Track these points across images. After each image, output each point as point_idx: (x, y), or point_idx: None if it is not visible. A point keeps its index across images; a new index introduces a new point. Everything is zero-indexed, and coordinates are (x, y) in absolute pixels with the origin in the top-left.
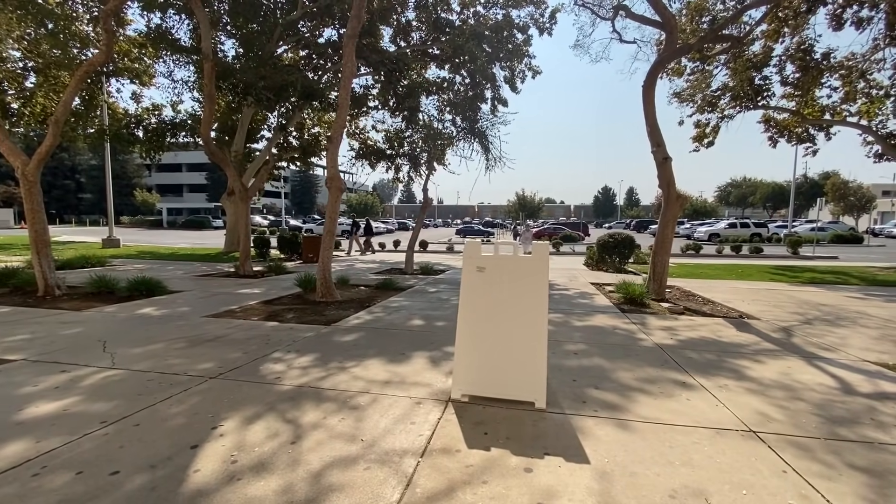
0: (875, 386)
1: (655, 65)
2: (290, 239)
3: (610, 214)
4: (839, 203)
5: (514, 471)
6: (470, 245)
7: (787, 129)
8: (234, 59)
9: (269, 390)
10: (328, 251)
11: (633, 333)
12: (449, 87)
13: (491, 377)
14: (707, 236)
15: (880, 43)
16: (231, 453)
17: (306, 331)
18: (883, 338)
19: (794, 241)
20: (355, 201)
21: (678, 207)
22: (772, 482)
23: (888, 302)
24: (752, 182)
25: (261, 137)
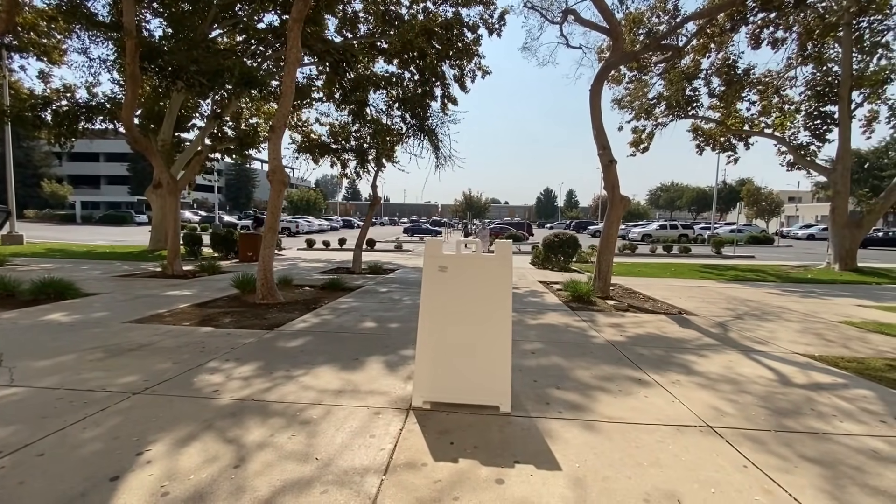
0: (808, 377)
1: (603, 68)
2: (225, 236)
3: (551, 215)
4: (753, 207)
5: (486, 483)
6: (431, 243)
7: (713, 138)
8: (162, 39)
9: (206, 405)
10: (270, 249)
11: (585, 331)
12: (398, 83)
13: (454, 382)
14: (641, 237)
15: (793, 62)
16: (161, 484)
17: (246, 336)
18: (805, 331)
19: (718, 242)
20: (297, 197)
21: (622, 209)
22: (736, 478)
23: (803, 297)
24: (679, 187)
25: (192, 126)
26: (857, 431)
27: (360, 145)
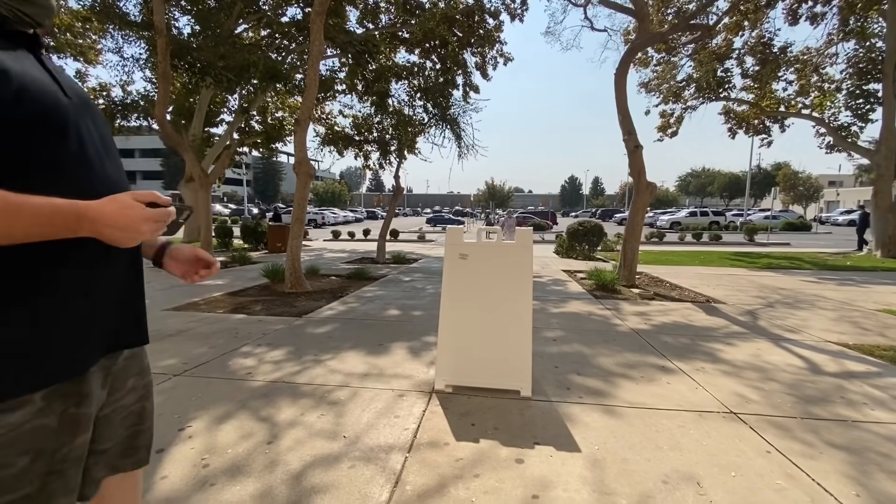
0: (840, 365)
1: (628, 52)
2: (254, 228)
3: (576, 204)
4: (789, 193)
5: (506, 462)
6: (452, 232)
7: (746, 120)
8: (190, 36)
9: (240, 387)
10: (297, 240)
11: (609, 319)
12: (419, 73)
13: (475, 366)
14: (669, 224)
15: (833, 38)
16: (202, 457)
17: (277, 323)
18: (840, 319)
19: (750, 229)
20: (322, 189)
21: (648, 195)
22: (757, 463)
23: (840, 285)
24: (710, 172)
25: (220, 121)
26: (887, 419)
27: (383, 136)
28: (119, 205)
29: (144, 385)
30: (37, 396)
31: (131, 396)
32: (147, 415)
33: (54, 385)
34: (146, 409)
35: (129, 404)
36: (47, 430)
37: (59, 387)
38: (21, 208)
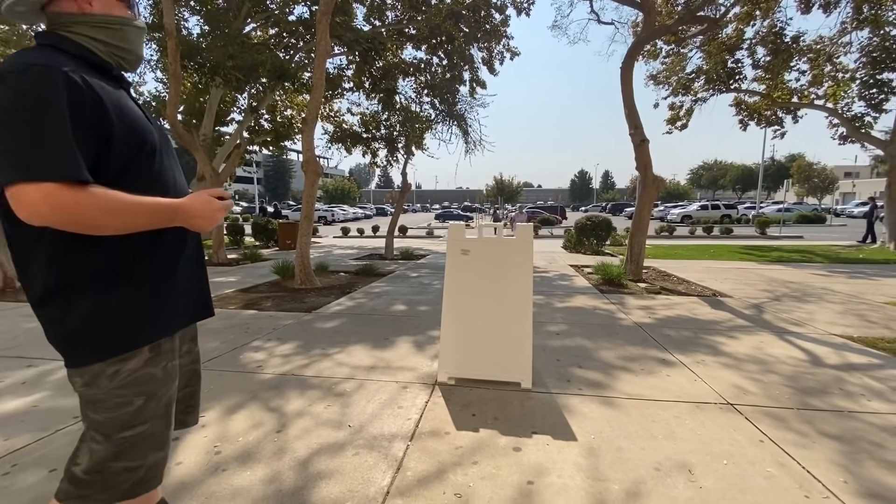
0: (842, 358)
1: (633, 46)
2: (265, 226)
3: (586, 198)
4: (804, 185)
5: (504, 450)
6: (454, 228)
7: (757, 112)
8: (199, 36)
9: (251, 379)
10: (306, 237)
11: (613, 313)
12: (426, 69)
13: (477, 359)
14: (680, 218)
15: (847, 26)
16: (214, 444)
17: (286, 318)
18: (847, 312)
19: (762, 222)
20: (331, 186)
21: (655, 190)
22: (750, 451)
23: (851, 278)
24: (722, 165)
25: (230, 120)
26: (884, 410)
27: (390, 133)
28: (201, 200)
29: (196, 351)
30: (146, 349)
31: (186, 359)
32: (199, 377)
33: (155, 341)
34: (197, 371)
35: (185, 364)
36: (155, 377)
37: (160, 343)
38: (140, 206)
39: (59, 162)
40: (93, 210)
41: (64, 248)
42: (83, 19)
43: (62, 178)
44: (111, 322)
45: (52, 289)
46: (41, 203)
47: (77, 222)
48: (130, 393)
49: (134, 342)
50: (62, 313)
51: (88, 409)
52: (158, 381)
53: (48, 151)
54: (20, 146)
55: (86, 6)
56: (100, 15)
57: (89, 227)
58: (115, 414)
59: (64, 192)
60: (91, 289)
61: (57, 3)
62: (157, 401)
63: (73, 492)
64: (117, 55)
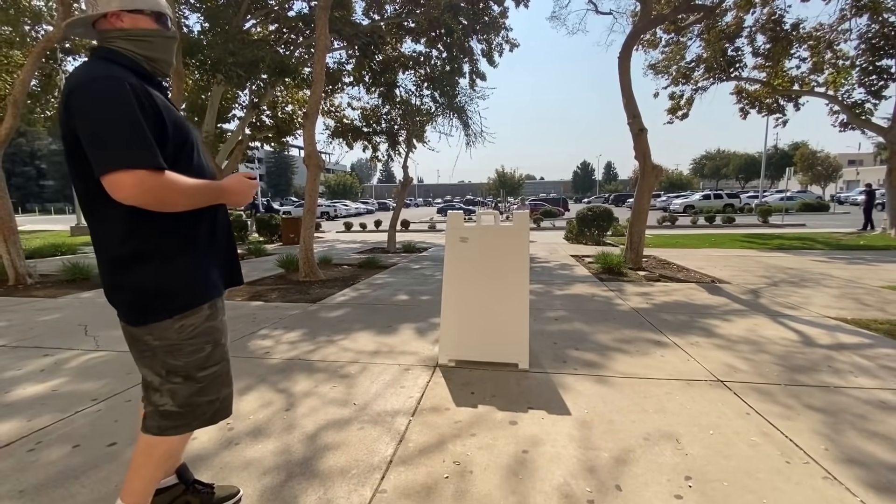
0: (833, 338)
1: (631, 35)
2: (269, 221)
3: (588, 189)
4: (807, 173)
5: (501, 424)
6: (453, 216)
7: (758, 100)
8: (200, 34)
9: (259, 364)
10: (310, 230)
11: (611, 300)
12: (426, 62)
13: (476, 342)
14: (682, 208)
15: (846, 13)
16: (227, 422)
17: (292, 309)
18: (843, 296)
19: (764, 211)
20: (334, 182)
21: (654, 178)
22: (736, 423)
23: (850, 264)
24: (725, 154)
25: (232, 117)
26: (869, 385)
27: (391, 127)
28: (237, 179)
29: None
30: (205, 306)
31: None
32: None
33: (212, 300)
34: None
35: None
36: (217, 329)
37: (214, 301)
38: (200, 187)
39: (145, 153)
40: (171, 192)
41: (133, 226)
42: (119, 34)
43: (149, 166)
44: (175, 285)
45: (122, 259)
46: (135, 186)
47: (161, 201)
48: (202, 342)
49: (195, 301)
50: (131, 279)
51: (168, 357)
52: (219, 331)
53: (136, 145)
54: (113, 142)
55: (117, 22)
56: (131, 29)
57: (168, 205)
58: (193, 359)
59: (151, 178)
60: (155, 259)
61: (100, 22)
62: (221, 347)
63: (167, 424)
64: (152, 64)
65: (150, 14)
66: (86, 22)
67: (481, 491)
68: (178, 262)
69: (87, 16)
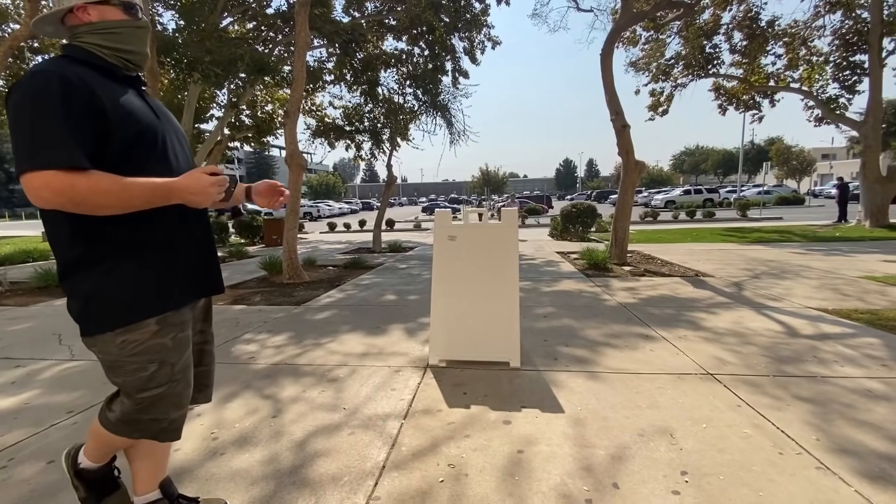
0: (816, 329)
1: (612, 32)
2: (250, 223)
3: (571, 186)
4: (783, 167)
5: (494, 424)
6: (440, 215)
7: (736, 96)
8: (175, 31)
9: (244, 370)
10: (293, 231)
11: (598, 295)
12: (408, 60)
13: (466, 341)
14: (664, 203)
15: (820, 10)
16: (210, 431)
17: (276, 312)
18: (823, 287)
19: (743, 205)
20: (316, 182)
21: (637, 174)
22: (728, 415)
23: (827, 255)
24: (704, 150)
25: (210, 117)
26: (855, 374)
27: (374, 126)
28: (193, 177)
29: (209, 331)
30: (151, 321)
31: (197, 337)
32: (212, 357)
33: (162, 315)
34: (211, 352)
35: (197, 343)
36: (165, 347)
37: (166, 316)
38: (135, 186)
39: (55, 152)
40: (88, 192)
41: (76, 230)
42: (87, 28)
43: (58, 166)
44: (117, 296)
45: (69, 265)
46: (43, 188)
47: (76, 203)
48: (144, 360)
49: (138, 315)
50: (77, 287)
51: (109, 373)
52: (169, 349)
53: (45, 144)
54: (24, 142)
55: (85, 16)
56: (98, 22)
57: (89, 208)
58: (132, 378)
59: (61, 178)
60: (99, 266)
61: (68, 18)
62: (169, 367)
63: (109, 424)
64: (121, 56)
65: (118, 4)
66: (53, 19)
67: (478, 494)
68: (122, 271)
69: (53, 12)
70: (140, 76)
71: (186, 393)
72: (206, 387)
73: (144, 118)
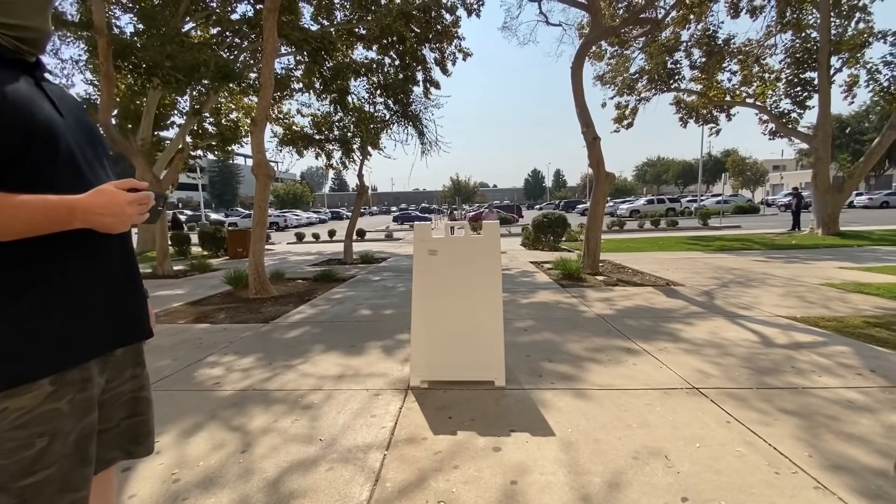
0: (789, 337)
1: (583, 46)
2: (213, 234)
3: (539, 196)
4: (738, 178)
5: (484, 451)
6: (420, 228)
7: (695, 110)
8: (133, 35)
9: (208, 398)
10: (260, 243)
11: (576, 306)
12: (379, 69)
13: (449, 361)
14: (629, 213)
15: (772, 30)
16: (171, 472)
17: (243, 330)
18: (788, 294)
19: (704, 214)
20: (283, 191)
21: (608, 185)
22: (719, 433)
23: (787, 263)
24: (665, 161)
25: (171, 124)
26: (833, 384)
27: (344, 135)
28: (104, 194)
29: (143, 376)
30: (44, 382)
31: (129, 385)
32: (148, 404)
33: (58, 372)
34: (146, 398)
35: (126, 392)
36: (59, 413)
37: (65, 374)
38: (22, 204)
39: None
40: None
41: None
42: None
43: None
44: None
45: None
46: None
47: None
48: (29, 434)
49: (26, 374)
50: None
51: None
52: (65, 416)
53: None
54: None
55: None
56: None
57: None
58: (12, 460)
59: None
60: None
61: None
62: (63, 438)
63: None
64: (9, 34)
65: None
66: None
67: None
68: (6, 318)
69: None
70: (40, 63)
71: (82, 473)
72: (146, 437)
73: (41, 115)
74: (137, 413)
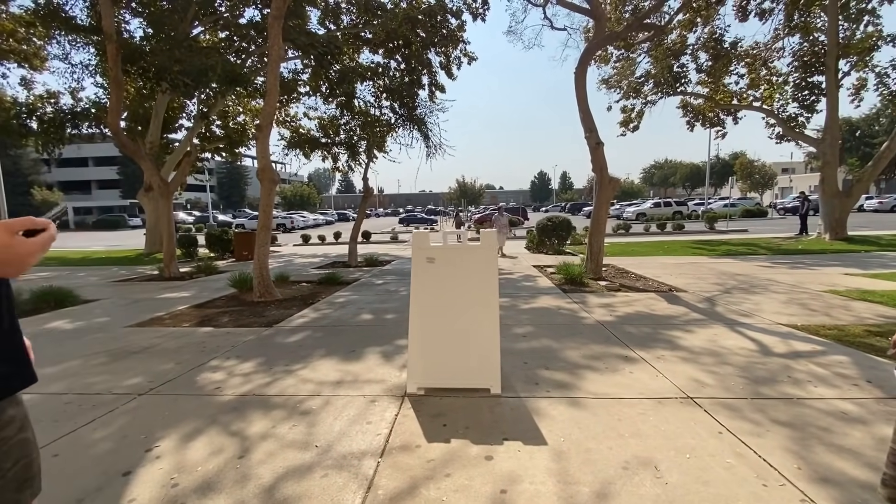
0: (788, 346)
1: (586, 52)
2: (220, 236)
3: (546, 198)
4: (746, 181)
5: (476, 460)
6: (418, 236)
7: (702, 113)
8: (143, 40)
9: (209, 402)
10: (264, 247)
11: (576, 312)
12: (384, 73)
13: (446, 368)
14: (635, 216)
15: (780, 33)
16: (170, 476)
17: (246, 334)
18: (790, 302)
19: (711, 217)
20: (290, 193)
21: (611, 190)
22: (710, 444)
23: (792, 269)
24: (672, 164)
25: (179, 127)
26: (829, 395)
27: (350, 138)
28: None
29: (22, 415)
30: None
31: (11, 428)
32: (32, 445)
33: None
34: (28, 440)
35: (10, 436)
36: None
37: None
38: None
39: None
40: None
41: None
42: None
43: None
44: None
45: None
46: None
47: None
48: None
49: None
50: None
51: None
52: None
53: None
54: None
55: None
56: None
57: None
58: None
59: None
60: None
61: None
62: None
63: None
64: None
65: None
66: None
67: None
68: None
69: None
70: None
71: None
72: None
73: None
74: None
